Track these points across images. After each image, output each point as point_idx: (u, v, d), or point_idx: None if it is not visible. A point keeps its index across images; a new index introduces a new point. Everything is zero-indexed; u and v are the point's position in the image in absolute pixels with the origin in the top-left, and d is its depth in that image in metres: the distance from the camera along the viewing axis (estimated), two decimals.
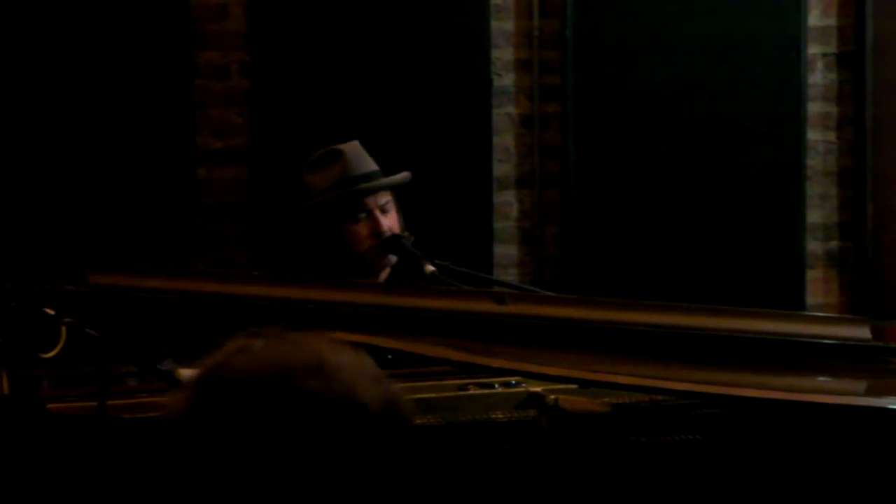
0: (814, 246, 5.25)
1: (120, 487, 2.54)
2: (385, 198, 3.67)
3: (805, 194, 5.20)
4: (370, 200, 3.64)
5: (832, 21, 5.24)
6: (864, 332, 3.15)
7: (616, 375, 2.72)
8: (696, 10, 5.09)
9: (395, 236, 3.61)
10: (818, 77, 5.24)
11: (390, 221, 3.65)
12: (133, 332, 2.76)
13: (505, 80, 5.07)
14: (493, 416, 2.80)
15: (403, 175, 3.73)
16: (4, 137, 4.68)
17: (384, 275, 3.71)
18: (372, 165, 3.70)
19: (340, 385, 1.57)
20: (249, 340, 1.66)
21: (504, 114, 5.07)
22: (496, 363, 2.75)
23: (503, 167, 5.07)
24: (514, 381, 3.01)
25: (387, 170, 3.75)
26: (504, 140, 5.07)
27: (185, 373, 2.76)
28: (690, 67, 5.10)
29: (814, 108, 5.23)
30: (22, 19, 4.68)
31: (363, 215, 3.64)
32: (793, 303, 5.08)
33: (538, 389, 2.95)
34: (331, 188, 3.67)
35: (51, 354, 2.52)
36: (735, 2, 5.12)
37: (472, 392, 2.97)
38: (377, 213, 3.63)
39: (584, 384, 2.81)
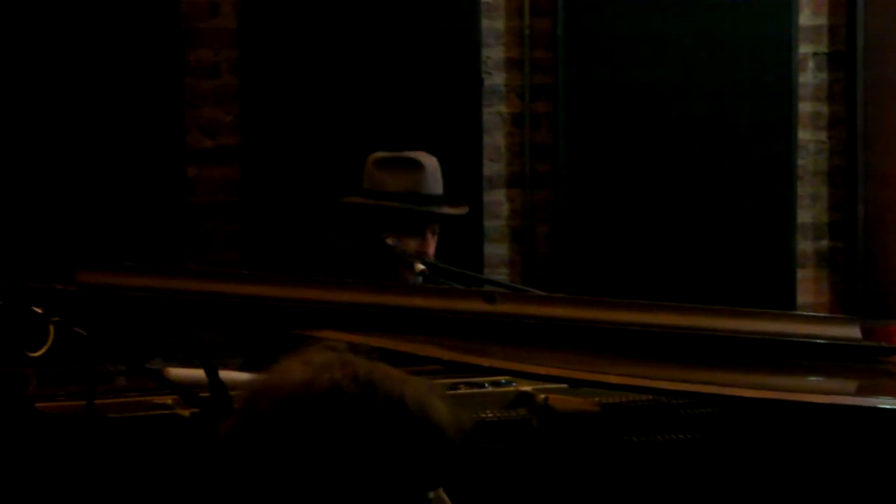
0: (804, 246, 5.25)
1: (108, 486, 2.53)
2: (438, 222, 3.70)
3: (796, 194, 5.20)
4: (433, 224, 3.67)
5: (823, 20, 5.24)
6: (854, 332, 3.15)
7: (606, 375, 2.72)
8: (687, 9, 5.09)
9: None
10: (809, 76, 5.24)
11: (434, 245, 3.68)
12: (122, 331, 2.75)
13: (496, 79, 5.06)
14: (484, 415, 2.80)
15: (465, 208, 3.79)
16: None
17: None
18: (441, 187, 3.73)
19: (415, 404, 1.61)
20: (314, 354, 1.66)
21: (495, 113, 5.06)
22: (486, 362, 2.75)
23: (494, 166, 5.07)
24: (504, 381, 3.01)
25: None
26: (495, 139, 5.07)
27: (174, 372, 2.75)
28: (681, 67, 5.10)
29: (805, 107, 5.23)
30: (12, 19, 4.66)
31: (417, 233, 3.65)
32: (783, 302, 5.08)
33: (528, 389, 2.95)
34: (399, 195, 3.67)
35: (39, 353, 2.51)
36: (726, 1, 5.12)
37: (462, 391, 2.97)
38: (429, 234, 3.66)
39: (575, 383, 2.81)
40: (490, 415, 2.80)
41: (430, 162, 3.75)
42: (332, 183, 3.82)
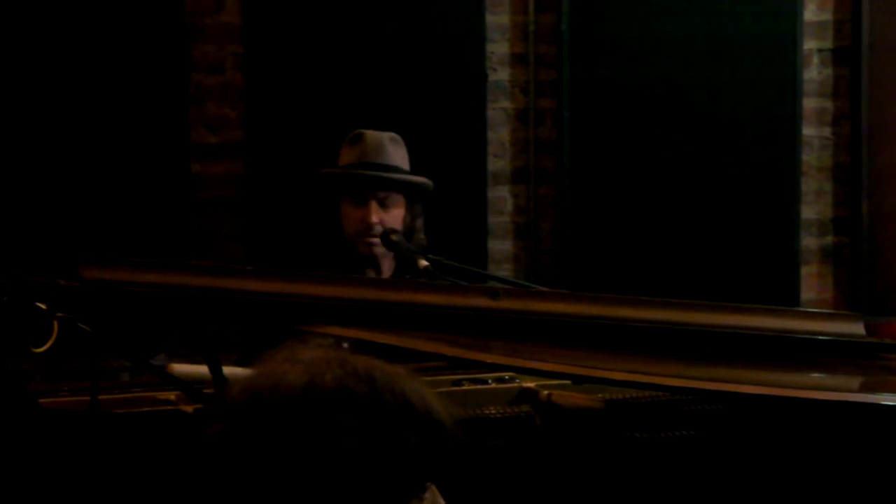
0: (809, 242, 5.25)
1: (112, 482, 2.54)
2: (388, 194, 3.68)
3: (800, 190, 5.20)
4: (369, 191, 3.67)
5: (828, 16, 5.23)
6: (858, 329, 3.15)
7: (610, 371, 2.71)
8: (691, 4, 5.08)
9: (385, 232, 3.62)
10: (814, 72, 5.24)
11: (387, 217, 3.66)
12: (126, 327, 2.75)
13: (500, 74, 5.06)
14: (487, 411, 2.80)
15: (411, 178, 3.77)
16: None
17: (387, 271, 3.72)
18: (390, 159, 3.75)
19: (418, 399, 1.61)
20: (301, 352, 1.66)
21: (499, 108, 5.06)
22: (490, 359, 2.75)
23: (498, 162, 5.06)
24: (507, 377, 3.01)
25: None
26: (499, 135, 5.07)
27: (178, 368, 2.75)
28: (686, 62, 5.09)
29: (809, 103, 5.23)
30: (17, 15, 4.66)
31: (357, 201, 3.67)
32: (787, 298, 5.07)
33: (532, 385, 2.95)
34: (347, 166, 3.74)
35: (43, 349, 2.51)
36: None
37: (465, 387, 2.97)
38: (374, 203, 3.66)
39: (578, 380, 2.81)
40: (493, 411, 2.80)
41: (375, 135, 3.78)
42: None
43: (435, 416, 1.63)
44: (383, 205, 3.67)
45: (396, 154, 3.77)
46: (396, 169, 3.74)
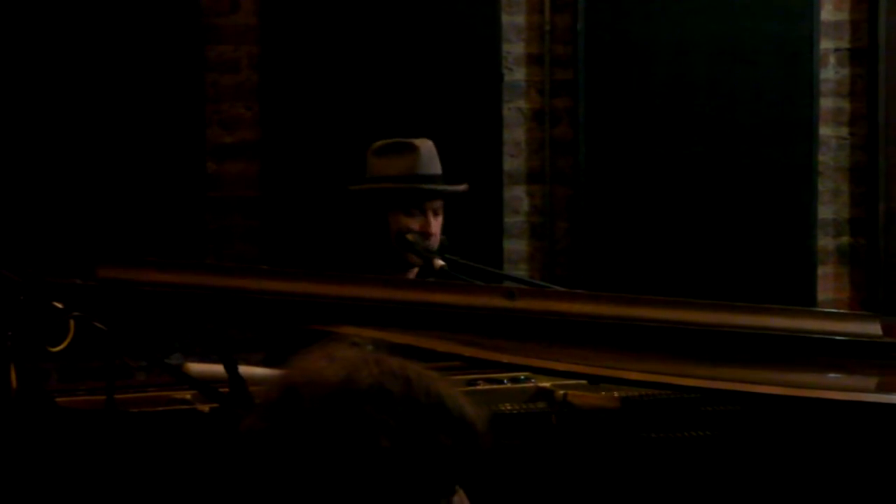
0: (825, 242, 5.24)
1: (128, 481, 2.54)
2: (439, 202, 3.70)
3: (817, 190, 5.19)
4: (429, 202, 3.68)
5: (845, 16, 5.22)
6: (874, 329, 3.14)
7: (626, 371, 2.72)
8: (708, 5, 5.07)
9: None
10: (831, 73, 5.23)
11: (436, 224, 3.68)
12: (141, 326, 2.76)
13: (516, 74, 5.06)
14: (504, 408, 2.80)
15: (463, 186, 3.78)
16: (15, 133, 4.68)
17: (412, 274, 3.73)
18: (438, 168, 3.75)
19: (452, 401, 1.61)
20: (337, 351, 1.67)
21: (515, 108, 5.06)
22: (506, 358, 2.75)
23: (514, 162, 5.06)
24: (523, 377, 3.01)
25: None
26: (515, 135, 5.06)
27: (194, 367, 2.76)
28: (702, 62, 5.09)
29: (826, 103, 5.22)
30: (35, 17, 4.67)
31: (417, 212, 3.67)
32: (804, 299, 5.07)
33: (548, 385, 2.95)
34: (397, 178, 3.70)
35: (59, 348, 2.52)
36: None
37: (481, 387, 2.97)
38: (431, 214, 3.67)
39: (594, 380, 2.81)
40: (510, 408, 2.80)
41: (425, 144, 3.77)
42: (352, 178, 3.82)
43: (468, 418, 1.63)
44: (436, 214, 3.71)
45: (438, 161, 3.79)
46: (443, 177, 3.76)
